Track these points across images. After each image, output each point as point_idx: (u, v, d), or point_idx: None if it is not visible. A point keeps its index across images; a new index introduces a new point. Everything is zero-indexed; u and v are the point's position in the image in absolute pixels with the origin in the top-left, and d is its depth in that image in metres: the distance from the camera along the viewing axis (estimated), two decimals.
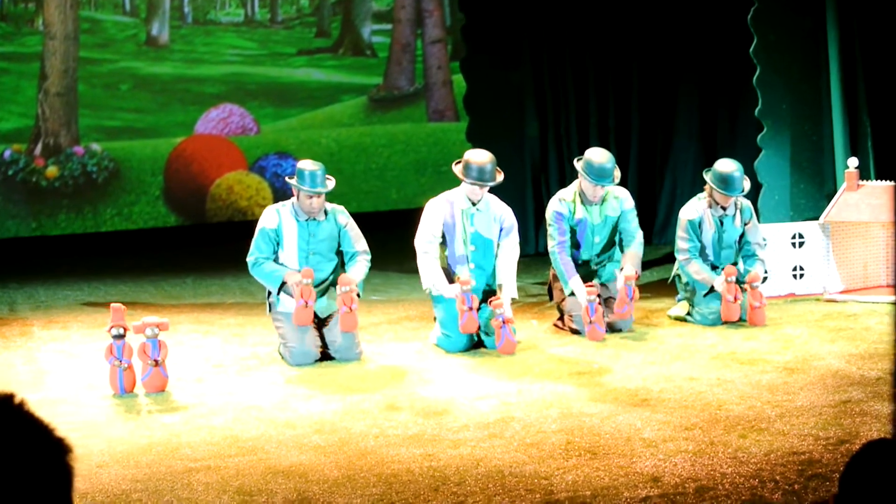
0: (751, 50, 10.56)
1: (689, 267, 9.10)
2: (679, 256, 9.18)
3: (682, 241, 9.15)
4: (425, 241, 8.51)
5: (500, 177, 8.55)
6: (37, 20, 14.36)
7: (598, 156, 8.82)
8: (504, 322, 8.21)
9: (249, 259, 8.26)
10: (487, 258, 8.59)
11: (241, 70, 15.39)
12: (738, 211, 9.18)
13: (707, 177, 9.12)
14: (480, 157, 8.53)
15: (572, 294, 8.73)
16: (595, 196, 8.86)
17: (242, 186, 15.06)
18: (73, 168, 14.25)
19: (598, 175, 8.75)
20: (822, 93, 10.54)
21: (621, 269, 8.79)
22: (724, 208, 9.11)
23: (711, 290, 8.99)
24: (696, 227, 9.13)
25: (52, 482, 2.03)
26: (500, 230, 8.60)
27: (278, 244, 8.23)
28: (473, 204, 8.55)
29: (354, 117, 15.82)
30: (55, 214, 14.25)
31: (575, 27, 12.63)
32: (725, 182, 9.01)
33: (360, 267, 8.27)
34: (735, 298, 8.84)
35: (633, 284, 8.67)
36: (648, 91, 12.71)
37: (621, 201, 8.98)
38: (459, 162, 8.59)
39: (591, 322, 8.57)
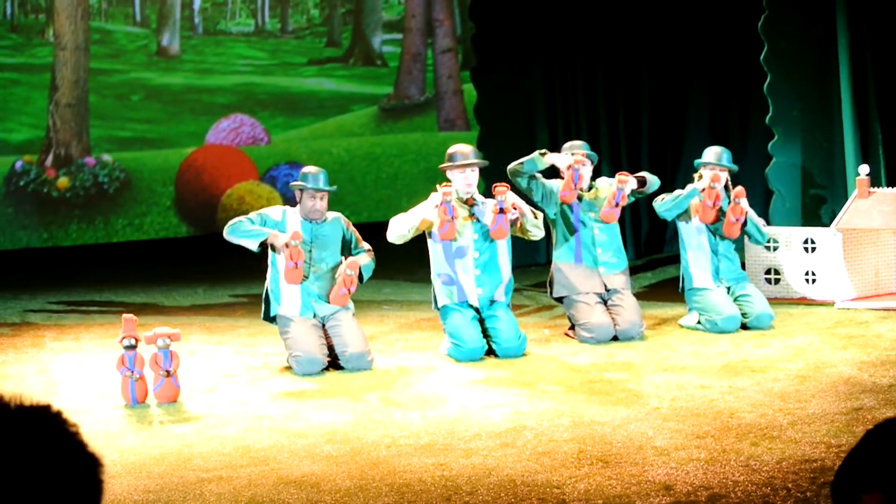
0: (761, 57, 10.56)
1: (664, 197, 9.16)
2: (657, 207, 9.18)
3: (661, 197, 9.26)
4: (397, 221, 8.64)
5: (485, 161, 8.79)
6: (47, 31, 14.41)
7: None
8: (503, 210, 8.37)
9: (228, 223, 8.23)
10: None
11: (252, 80, 15.42)
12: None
13: (698, 164, 9.29)
14: (463, 146, 8.83)
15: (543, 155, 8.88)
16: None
17: (253, 196, 15.09)
18: (84, 179, 14.28)
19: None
20: (832, 100, 10.54)
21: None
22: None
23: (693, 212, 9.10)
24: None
25: (82, 496, 2.05)
26: None
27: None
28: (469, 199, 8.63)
29: (365, 127, 15.84)
30: (66, 225, 14.28)
31: (585, 35, 12.63)
32: (717, 157, 9.19)
33: (365, 256, 8.44)
34: (714, 204, 8.97)
35: (625, 190, 8.78)
36: (659, 99, 12.70)
37: (612, 185, 9.08)
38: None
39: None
